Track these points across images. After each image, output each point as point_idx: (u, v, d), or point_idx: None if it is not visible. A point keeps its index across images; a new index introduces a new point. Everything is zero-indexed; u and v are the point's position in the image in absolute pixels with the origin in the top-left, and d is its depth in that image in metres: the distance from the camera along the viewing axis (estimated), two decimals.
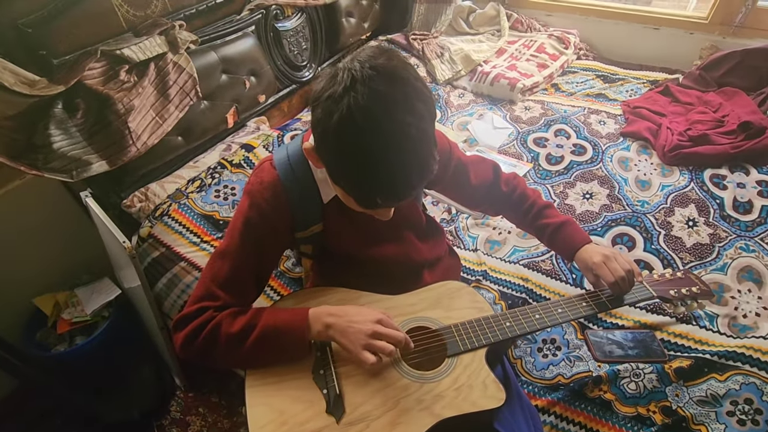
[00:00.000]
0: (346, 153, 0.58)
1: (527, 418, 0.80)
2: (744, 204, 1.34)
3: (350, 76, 0.56)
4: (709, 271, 1.18)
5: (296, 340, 0.72)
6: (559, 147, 1.63)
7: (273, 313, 0.73)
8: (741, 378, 0.90)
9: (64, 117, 1.11)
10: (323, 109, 0.58)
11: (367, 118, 0.55)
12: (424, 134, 0.58)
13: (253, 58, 1.57)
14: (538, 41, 2.11)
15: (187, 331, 0.71)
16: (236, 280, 0.75)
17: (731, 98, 1.72)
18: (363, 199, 0.64)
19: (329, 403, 0.70)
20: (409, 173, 0.59)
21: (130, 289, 1.36)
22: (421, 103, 0.58)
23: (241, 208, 0.76)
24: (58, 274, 1.42)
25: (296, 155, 0.75)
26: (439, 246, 0.98)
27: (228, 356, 0.72)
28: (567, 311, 0.83)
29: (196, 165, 1.45)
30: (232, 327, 0.71)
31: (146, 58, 1.21)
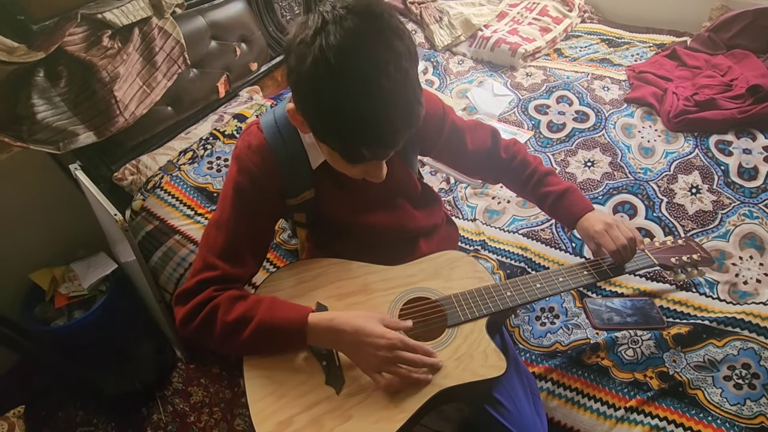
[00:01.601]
0: (324, 99, 0.54)
1: (525, 386, 0.80)
2: (749, 170, 1.31)
3: (321, 17, 0.53)
4: (711, 238, 1.16)
5: (292, 343, 0.70)
6: (561, 114, 1.58)
7: (271, 308, 0.69)
8: (739, 343, 0.90)
9: (46, 86, 1.07)
10: (295, 55, 0.54)
11: (340, 56, 0.51)
12: (404, 73, 0.54)
13: (243, 23, 1.51)
14: (541, 4, 2.02)
15: (186, 309, 0.69)
16: (232, 248, 0.72)
17: (741, 61, 1.66)
18: (349, 152, 0.60)
19: (328, 375, 0.69)
20: (393, 116, 0.55)
21: (126, 263, 1.35)
22: (398, 40, 0.53)
23: (230, 174, 0.73)
24: (53, 248, 1.41)
25: (283, 118, 0.72)
26: (436, 214, 0.95)
27: (222, 344, 0.70)
28: (568, 280, 0.82)
29: (187, 136, 1.41)
30: (229, 315, 0.68)
31: (129, 23, 1.16)
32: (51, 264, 1.38)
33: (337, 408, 0.67)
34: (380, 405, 0.67)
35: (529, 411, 0.76)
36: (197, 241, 1.19)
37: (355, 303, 0.77)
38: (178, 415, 1.36)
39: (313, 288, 0.79)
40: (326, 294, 0.78)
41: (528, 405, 0.77)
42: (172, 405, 1.38)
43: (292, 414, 0.66)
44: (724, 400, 0.84)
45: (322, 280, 0.80)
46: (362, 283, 0.80)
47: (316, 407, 0.66)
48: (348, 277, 0.81)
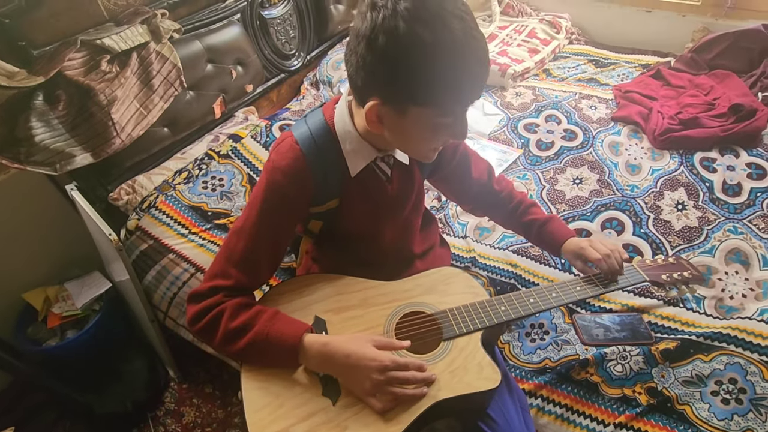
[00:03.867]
0: (430, 52, 0.57)
1: (515, 401, 0.81)
2: (733, 186, 1.34)
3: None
4: (697, 254, 1.18)
5: (285, 362, 0.71)
6: (550, 133, 1.62)
7: (270, 321, 0.71)
8: (726, 358, 0.91)
9: (45, 109, 1.10)
10: (384, 34, 0.56)
11: (426, 10, 0.55)
12: (471, 14, 0.60)
13: (239, 47, 1.55)
14: (530, 26, 2.09)
15: (195, 310, 0.72)
16: (251, 260, 0.74)
17: (723, 81, 1.71)
18: (455, 98, 0.62)
19: (325, 386, 0.70)
20: (483, 50, 0.60)
21: (120, 282, 1.35)
22: None
23: (261, 186, 0.74)
24: (47, 268, 1.41)
25: (319, 129, 0.74)
26: (433, 236, 1.01)
27: (222, 348, 0.72)
28: (561, 295, 0.84)
29: (183, 156, 1.43)
30: (233, 321, 0.70)
31: (128, 48, 1.19)
32: (45, 283, 1.39)
33: (333, 419, 0.67)
34: (376, 416, 0.68)
35: (519, 426, 0.77)
36: (191, 260, 1.20)
37: (353, 317, 0.79)
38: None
39: (312, 302, 0.80)
40: (325, 307, 0.79)
41: (518, 420, 0.78)
42: (164, 426, 1.37)
43: (288, 425, 0.67)
44: (712, 416, 0.84)
45: (321, 294, 0.81)
46: (361, 297, 0.82)
47: (312, 418, 0.67)
48: (346, 291, 0.82)
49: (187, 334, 1.22)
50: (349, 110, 0.73)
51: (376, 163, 0.78)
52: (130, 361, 1.45)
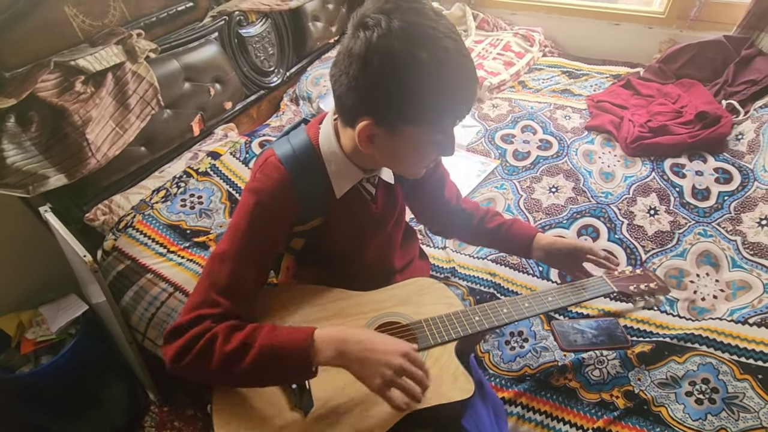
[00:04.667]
0: (424, 71, 0.57)
1: (488, 409, 0.81)
2: (702, 191, 1.39)
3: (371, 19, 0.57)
4: (669, 258, 1.21)
5: (298, 365, 0.65)
6: (526, 143, 1.66)
7: (272, 331, 0.67)
8: (698, 359, 0.93)
9: (17, 131, 1.09)
10: (379, 55, 0.56)
11: (420, 30, 0.57)
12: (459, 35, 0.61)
13: (217, 65, 1.56)
14: (504, 40, 2.14)
15: (180, 343, 0.65)
16: (238, 285, 0.70)
17: (689, 89, 1.78)
18: (449, 115, 0.63)
19: (298, 398, 0.70)
20: (472, 68, 0.61)
21: (97, 304, 1.33)
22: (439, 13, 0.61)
23: (244, 208, 0.71)
24: (20, 292, 1.38)
25: (304, 149, 0.73)
26: (413, 249, 1.03)
27: (221, 376, 0.66)
28: (534, 305, 0.86)
29: (161, 175, 1.43)
30: (228, 344, 0.64)
31: (103, 69, 1.19)
32: (18, 308, 1.35)
33: (307, 430, 0.67)
34: (349, 426, 0.68)
35: (491, 429, 0.77)
36: (169, 279, 1.19)
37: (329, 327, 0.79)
38: None
39: (288, 314, 0.80)
40: (300, 319, 0.79)
41: (490, 423, 0.78)
42: None
43: None
44: (686, 416, 0.86)
45: (297, 305, 0.81)
46: (337, 308, 0.82)
47: (283, 431, 0.67)
48: (323, 302, 0.82)
49: None
50: (334, 131, 0.72)
51: (362, 183, 0.78)
52: (108, 385, 1.41)
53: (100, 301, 1.25)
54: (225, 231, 0.73)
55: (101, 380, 1.39)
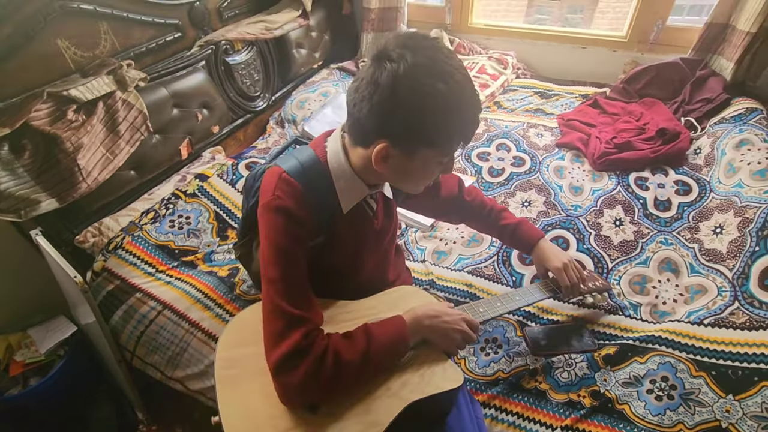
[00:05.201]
0: (439, 102, 0.66)
1: (469, 408, 0.87)
2: (663, 203, 1.48)
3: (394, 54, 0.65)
4: (633, 265, 1.29)
5: (402, 350, 0.79)
6: (501, 160, 1.75)
7: (376, 331, 0.76)
8: (658, 358, 1.00)
9: (10, 158, 1.14)
10: (405, 88, 0.65)
11: (439, 65, 0.65)
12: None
13: (204, 91, 1.63)
14: (479, 63, 2.26)
15: (307, 365, 0.68)
16: (307, 297, 0.75)
17: (651, 108, 1.90)
18: (457, 139, 0.72)
19: None
20: (477, 98, 0.71)
21: (87, 325, 1.35)
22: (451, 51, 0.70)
23: (276, 227, 0.74)
24: (9, 315, 1.40)
25: (313, 166, 0.78)
26: (402, 263, 1.12)
27: (353, 381, 0.73)
28: (505, 304, 0.97)
29: (150, 197, 1.47)
30: (351, 354, 0.71)
31: (94, 98, 1.25)
32: (6, 331, 1.37)
33: (313, 428, 0.71)
34: (354, 421, 0.72)
35: (471, 427, 0.82)
36: (158, 297, 1.22)
37: None
38: None
39: None
40: None
41: (471, 422, 0.83)
42: None
43: None
44: (647, 412, 0.92)
45: None
46: (327, 315, 0.85)
47: (292, 431, 0.71)
48: None
49: (155, 372, 1.22)
50: (343, 149, 0.78)
51: (366, 199, 0.84)
52: (97, 405, 1.43)
53: (89, 322, 1.28)
54: (264, 257, 0.75)
55: (90, 401, 1.41)
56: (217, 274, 1.28)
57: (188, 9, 1.62)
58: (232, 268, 1.30)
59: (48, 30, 1.23)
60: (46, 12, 1.21)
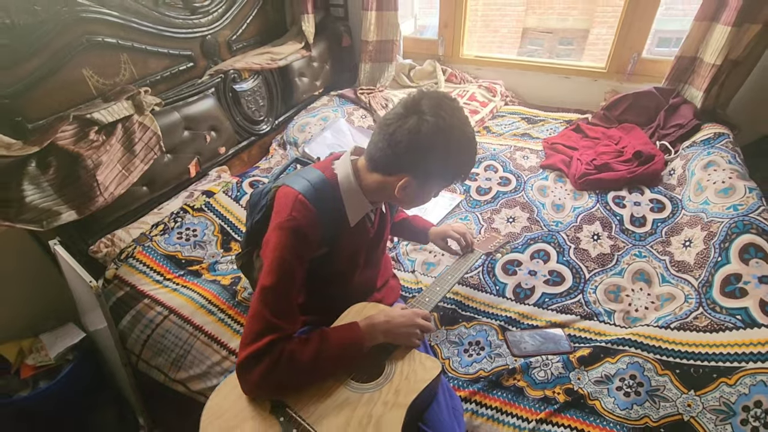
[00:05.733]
0: (455, 149, 0.85)
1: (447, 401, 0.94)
2: (639, 219, 1.58)
3: (429, 115, 0.82)
4: (609, 276, 1.38)
5: (357, 354, 0.87)
6: (488, 180, 1.87)
7: (330, 336, 0.86)
8: (628, 359, 1.08)
9: (36, 173, 1.25)
10: (428, 138, 0.82)
11: (459, 124, 0.84)
12: None
13: (213, 115, 1.77)
14: (470, 91, 2.42)
15: (263, 368, 0.77)
16: (289, 309, 0.84)
17: (629, 132, 2.03)
18: (460, 177, 0.92)
19: (286, 427, 0.77)
20: (476, 144, 0.90)
21: (96, 331, 1.43)
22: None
23: (284, 243, 0.83)
24: (22, 321, 1.48)
25: (323, 186, 0.89)
26: (389, 270, 1.22)
27: (306, 381, 0.84)
28: (443, 286, 1.12)
29: (160, 211, 1.58)
30: (304, 356, 0.80)
31: (114, 120, 1.38)
32: (19, 336, 1.45)
33: None
34: None
35: (448, 418, 0.90)
36: (165, 303, 1.30)
37: None
38: None
39: None
40: None
41: (448, 415, 0.91)
42: None
43: None
44: (616, 407, 0.99)
45: None
46: None
47: None
48: None
49: (158, 375, 1.29)
50: (353, 171, 0.91)
51: (368, 213, 0.98)
52: (100, 410, 1.48)
53: (99, 328, 1.36)
54: (266, 265, 0.83)
55: (94, 405, 1.47)
56: (220, 283, 1.37)
57: (200, 42, 1.78)
58: (234, 278, 1.39)
59: (75, 60, 1.37)
60: (75, 45, 1.35)
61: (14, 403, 1.32)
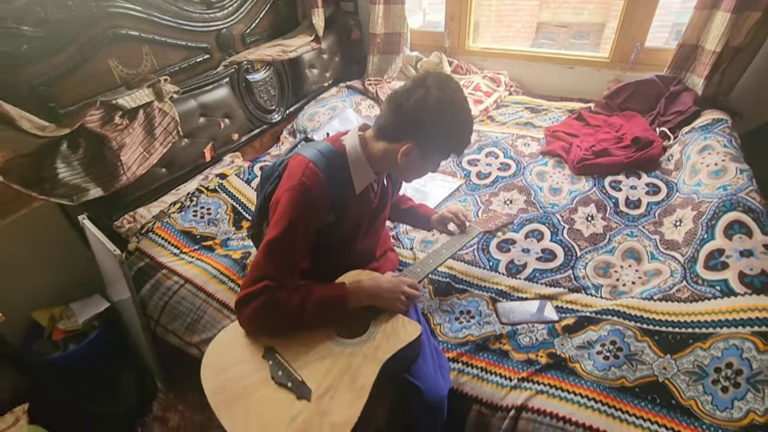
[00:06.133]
0: (456, 122, 0.94)
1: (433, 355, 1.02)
2: (634, 201, 1.63)
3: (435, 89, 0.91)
4: (600, 253, 1.43)
5: (340, 308, 0.96)
6: (488, 165, 1.93)
7: (317, 290, 0.95)
8: (610, 327, 1.14)
9: (68, 153, 1.38)
10: (433, 110, 0.91)
11: (460, 99, 0.93)
12: None
13: (227, 104, 1.88)
14: (474, 81, 2.48)
15: (254, 306, 0.88)
16: (290, 265, 0.93)
17: (630, 120, 2.06)
18: (457, 150, 1.00)
19: (297, 391, 0.85)
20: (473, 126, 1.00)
21: (120, 301, 1.56)
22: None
23: (292, 202, 0.91)
24: (53, 291, 1.62)
25: (333, 157, 0.98)
26: (387, 242, 1.32)
27: (287, 326, 0.93)
28: (435, 260, 1.19)
29: (177, 192, 1.70)
30: (291, 302, 0.90)
31: (136, 106, 1.50)
32: (51, 304, 1.59)
33: (315, 410, 0.83)
34: (346, 390, 0.85)
35: (433, 371, 0.98)
36: (181, 274, 1.42)
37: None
38: None
39: None
40: None
41: (433, 369, 0.99)
42: (151, 430, 1.51)
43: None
44: (594, 369, 1.06)
45: None
46: None
47: (298, 418, 0.82)
48: None
49: (174, 339, 1.41)
50: (360, 143, 1.00)
51: (370, 184, 1.07)
52: (123, 373, 1.61)
53: (123, 298, 1.49)
54: (273, 220, 0.93)
55: (117, 368, 1.60)
56: (231, 257, 1.48)
57: (216, 35, 1.89)
58: (244, 253, 1.50)
59: (101, 52, 1.49)
60: (102, 37, 1.47)
61: (49, 362, 1.45)
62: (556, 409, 0.98)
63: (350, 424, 0.80)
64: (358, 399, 0.84)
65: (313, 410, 0.83)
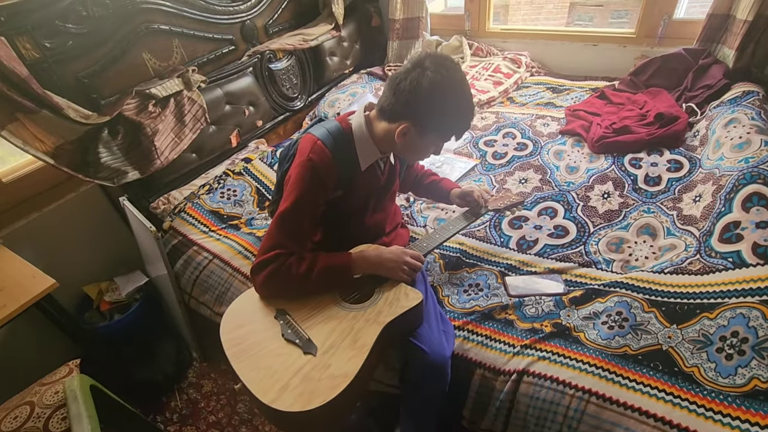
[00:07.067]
0: (454, 104, 0.95)
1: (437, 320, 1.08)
2: (654, 178, 1.60)
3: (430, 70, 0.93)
4: (614, 230, 1.42)
5: (344, 275, 1.03)
6: (505, 146, 1.93)
7: (323, 258, 1.02)
8: (617, 298, 1.15)
9: (108, 139, 1.51)
10: (430, 91, 0.93)
11: (459, 79, 0.95)
12: None
13: (251, 92, 1.98)
14: (495, 63, 2.46)
15: (267, 272, 0.97)
16: (300, 235, 1.01)
17: (655, 96, 2.00)
18: (458, 132, 1.01)
19: (304, 347, 0.93)
20: (474, 110, 1.02)
21: (157, 277, 1.71)
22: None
23: (301, 177, 0.98)
24: (101, 267, 1.78)
25: (339, 134, 1.03)
26: (397, 218, 1.36)
27: (296, 290, 1.00)
28: (442, 235, 1.22)
29: (206, 176, 1.82)
30: (300, 269, 0.97)
31: (167, 95, 1.62)
32: (98, 279, 1.76)
33: (318, 363, 0.91)
34: (347, 348, 0.93)
35: (437, 334, 1.03)
36: (210, 250, 1.53)
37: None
38: (192, 402, 1.63)
39: None
40: None
41: (438, 333, 1.04)
42: (187, 394, 1.66)
43: (287, 380, 0.88)
44: (597, 337, 1.08)
45: None
46: None
47: (303, 369, 0.90)
48: None
49: (205, 310, 1.53)
50: (365, 122, 1.04)
51: (377, 161, 1.12)
52: (162, 343, 1.77)
53: (160, 274, 1.63)
54: (285, 194, 1.01)
55: (157, 338, 1.76)
56: (255, 235, 1.58)
57: (240, 26, 1.99)
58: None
59: (136, 46, 1.61)
60: (136, 32, 1.59)
61: (97, 330, 1.62)
62: (557, 373, 1.02)
63: (349, 377, 0.88)
64: (357, 356, 0.91)
65: (317, 364, 0.91)
